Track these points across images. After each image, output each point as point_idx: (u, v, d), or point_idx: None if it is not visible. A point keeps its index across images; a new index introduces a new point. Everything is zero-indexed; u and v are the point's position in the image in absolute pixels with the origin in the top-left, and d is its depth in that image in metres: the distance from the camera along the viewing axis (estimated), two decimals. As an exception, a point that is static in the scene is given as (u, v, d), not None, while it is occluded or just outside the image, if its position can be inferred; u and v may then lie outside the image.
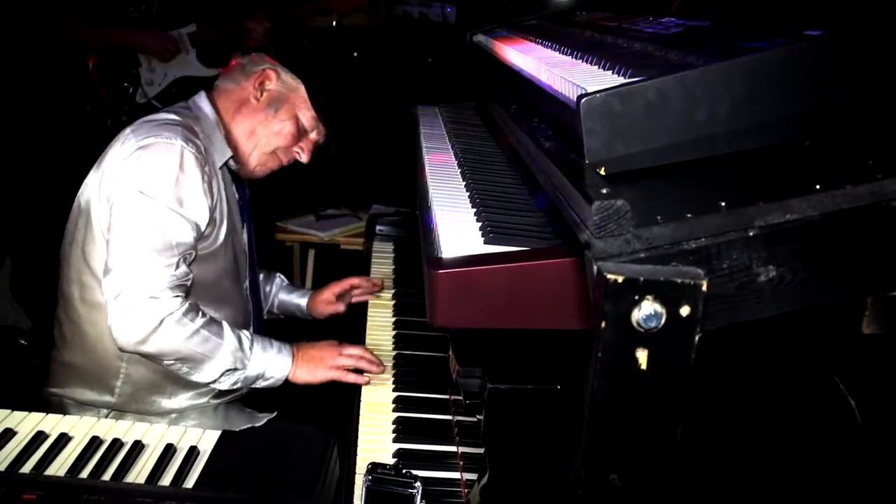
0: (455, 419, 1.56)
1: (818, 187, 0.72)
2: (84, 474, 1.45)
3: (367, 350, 1.83)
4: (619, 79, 0.98)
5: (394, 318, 2.10)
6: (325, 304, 2.24)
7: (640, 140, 0.84)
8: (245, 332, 1.76)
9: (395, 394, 1.70)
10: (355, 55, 4.49)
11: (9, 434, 1.54)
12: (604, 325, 0.66)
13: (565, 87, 1.01)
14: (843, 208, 0.71)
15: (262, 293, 2.21)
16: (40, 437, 1.54)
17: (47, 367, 1.89)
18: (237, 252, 1.91)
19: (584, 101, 0.83)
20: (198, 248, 1.73)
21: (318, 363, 1.78)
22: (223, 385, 1.73)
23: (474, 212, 1.12)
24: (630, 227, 0.69)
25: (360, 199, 3.91)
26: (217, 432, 1.57)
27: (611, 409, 0.70)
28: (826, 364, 0.93)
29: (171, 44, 3.25)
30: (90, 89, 3.29)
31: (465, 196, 1.23)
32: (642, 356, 0.67)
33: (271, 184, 2.08)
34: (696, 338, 0.67)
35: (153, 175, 1.64)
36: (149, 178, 1.64)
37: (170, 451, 1.52)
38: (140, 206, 1.63)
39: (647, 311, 0.66)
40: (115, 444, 1.53)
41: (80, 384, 1.82)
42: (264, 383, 1.77)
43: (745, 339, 0.92)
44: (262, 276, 2.24)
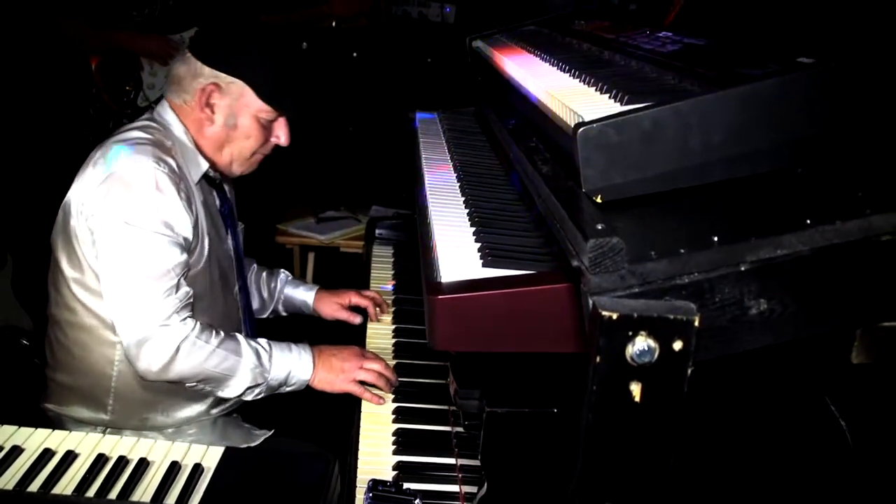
0: (454, 430, 1.58)
1: (809, 222, 0.73)
2: (91, 493, 1.47)
3: (387, 366, 1.80)
4: (616, 104, 0.99)
5: (393, 326, 2.11)
6: (337, 307, 2.19)
7: (635, 169, 0.86)
8: (262, 340, 1.76)
9: (394, 405, 1.71)
10: (354, 55, 4.50)
11: (16, 451, 1.55)
12: (598, 359, 0.68)
13: (564, 112, 1.03)
14: (833, 243, 0.73)
15: (259, 294, 2.20)
16: (47, 454, 1.55)
17: (44, 382, 1.89)
18: (222, 262, 1.89)
19: (581, 130, 0.85)
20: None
21: (338, 373, 1.76)
22: (248, 397, 1.74)
23: (473, 231, 1.14)
24: (624, 264, 0.71)
25: (359, 200, 3.91)
26: (220, 449, 1.59)
27: (605, 440, 0.71)
28: (817, 386, 0.95)
29: (173, 48, 3.26)
30: (93, 92, 3.29)
31: (465, 214, 1.25)
32: (636, 389, 0.69)
33: (271, 185, 2.05)
34: (689, 370, 0.69)
35: (132, 203, 1.62)
36: (130, 207, 1.62)
37: (174, 468, 1.53)
38: (128, 237, 1.62)
39: (640, 346, 0.67)
40: (121, 461, 1.54)
41: (74, 402, 1.82)
42: (288, 389, 1.77)
43: (737, 361, 0.94)
44: (265, 274, 2.23)
